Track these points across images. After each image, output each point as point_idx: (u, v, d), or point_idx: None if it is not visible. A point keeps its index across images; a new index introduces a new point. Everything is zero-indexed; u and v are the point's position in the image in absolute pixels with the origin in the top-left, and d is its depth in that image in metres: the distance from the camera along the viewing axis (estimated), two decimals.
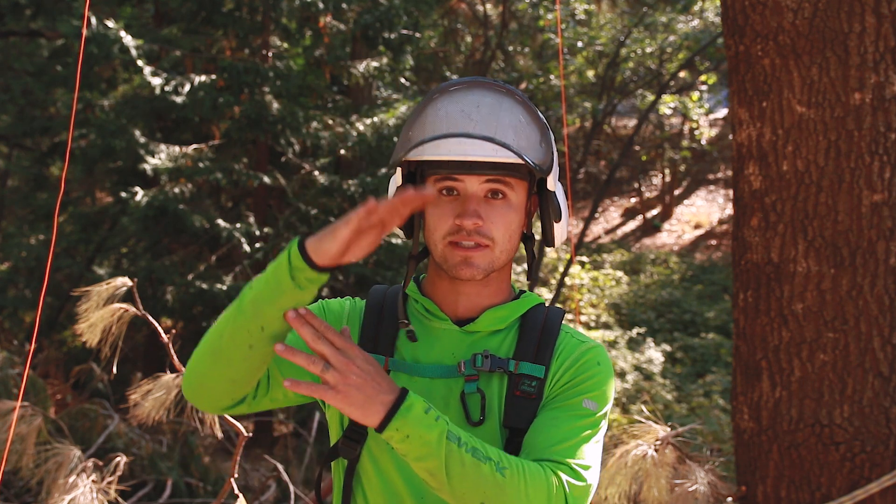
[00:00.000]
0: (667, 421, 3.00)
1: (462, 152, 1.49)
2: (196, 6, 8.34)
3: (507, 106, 1.54)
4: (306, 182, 9.08)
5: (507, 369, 1.54)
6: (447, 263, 1.56)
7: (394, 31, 8.52)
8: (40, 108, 10.89)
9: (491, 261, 1.55)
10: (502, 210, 1.55)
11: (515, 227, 1.58)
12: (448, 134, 1.48)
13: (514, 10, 12.86)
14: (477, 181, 1.54)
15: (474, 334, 1.60)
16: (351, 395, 1.36)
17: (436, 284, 1.63)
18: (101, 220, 9.90)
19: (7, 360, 5.87)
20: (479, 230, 1.53)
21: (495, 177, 1.53)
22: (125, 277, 2.90)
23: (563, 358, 1.58)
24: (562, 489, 1.42)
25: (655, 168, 17.33)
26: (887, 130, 2.92)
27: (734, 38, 3.12)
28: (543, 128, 1.57)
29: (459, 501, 1.39)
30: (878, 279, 2.93)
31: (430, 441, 1.36)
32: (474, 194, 1.54)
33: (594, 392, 1.55)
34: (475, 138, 1.47)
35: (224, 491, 2.78)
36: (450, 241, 1.54)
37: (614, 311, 12.78)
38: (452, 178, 1.54)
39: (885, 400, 2.93)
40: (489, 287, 1.62)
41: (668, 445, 2.85)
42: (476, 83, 1.57)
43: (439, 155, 1.50)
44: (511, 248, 1.58)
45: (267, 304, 1.41)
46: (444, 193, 1.56)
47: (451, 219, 1.54)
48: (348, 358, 1.38)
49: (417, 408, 1.37)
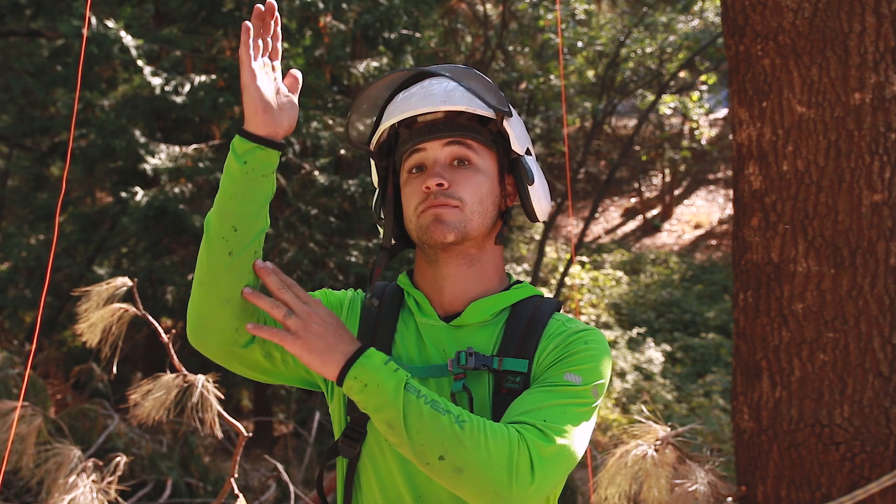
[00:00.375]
0: (667, 421, 2.99)
1: (411, 107, 1.56)
2: (196, 6, 8.34)
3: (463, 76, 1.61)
4: (306, 182, 9.08)
5: (490, 367, 1.52)
6: (421, 230, 1.56)
7: (394, 31, 8.53)
8: (40, 108, 10.89)
9: (462, 219, 1.54)
10: (468, 173, 1.57)
11: (486, 192, 1.58)
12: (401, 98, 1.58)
13: (514, 10, 12.85)
14: (439, 145, 1.57)
15: (462, 328, 1.58)
16: (311, 343, 1.39)
17: (423, 274, 1.63)
18: (101, 220, 9.89)
19: (7, 360, 5.87)
20: (445, 192, 1.54)
21: (456, 137, 1.56)
22: (125, 277, 2.90)
23: (547, 341, 1.54)
24: (525, 446, 1.36)
25: (655, 168, 17.34)
26: (887, 130, 2.92)
27: (734, 38, 3.12)
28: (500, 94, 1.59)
29: (420, 456, 1.37)
30: (878, 279, 2.93)
31: (387, 389, 1.36)
32: (437, 159, 1.57)
33: (579, 366, 1.49)
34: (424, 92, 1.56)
35: (224, 491, 2.78)
36: (421, 210, 1.56)
37: (614, 311, 12.78)
38: (417, 149, 1.58)
39: (885, 400, 2.93)
40: (472, 269, 1.60)
41: (668, 445, 2.85)
42: (426, 73, 1.64)
43: (393, 117, 1.58)
44: (483, 211, 1.57)
45: (230, 199, 1.46)
46: (414, 172, 1.59)
47: (420, 190, 1.57)
48: (311, 309, 1.41)
49: (376, 358, 1.39)
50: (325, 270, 9.05)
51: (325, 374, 1.39)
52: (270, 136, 1.46)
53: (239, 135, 1.46)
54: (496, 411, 1.51)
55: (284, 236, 8.81)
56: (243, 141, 1.45)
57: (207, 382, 2.78)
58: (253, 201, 1.46)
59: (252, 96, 1.44)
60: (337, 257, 8.78)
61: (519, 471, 1.35)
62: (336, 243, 9.18)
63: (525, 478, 1.35)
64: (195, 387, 2.75)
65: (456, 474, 1.35)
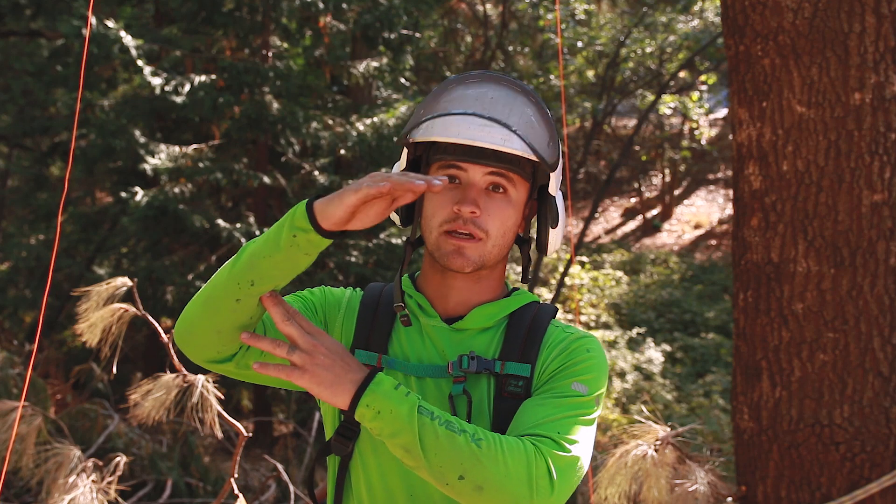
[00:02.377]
0: (667, 421, 2.99)
1: (470, 136, 1.47)
2: (196, 6, 8.33)
3: (521, 102, 1.53)
4: (306, 182, 9.08)
5: (492, 371, 1.53)
6: (439, 251, 1.54)
7: (394, 31, 8.52)
8: (40, 108, 10.89)
9: (482, 254, 1.54)
10: (501, 204, 1.54)
11: (511, 225, 1.56)
12: (459, 112, 1.47)
13: (514, 10, 12.86)
14: (480, 171, 1.53)
15: (463, 332, 1.59)
16: (319, 375, 1.36)
17: (429, 279, 1.63)
18: (101, 220, 9.89)
19: (7, 360, 5.87)
20: (476, 221, 1.52)
21: (499, 169, 1.52)
22: (125, 277, 2.90)
23: (550, 349, 1.55)
24: (542, 458, 1.37)
25: (655, 168, 17.33)
26: (887, 130, 2.92)
27: (734, 38, 3.12)
28: (552, 131, 1.56)
29: (438, 477, 1.36)
30: (878, 279, 2.93)
31: (401, 415, 1.35)
32: (476, 184, 1.53)
33: (584, 376, 1.51)
34: (486, 120, 1.46)
35: (224, 491, 2.78)
36: (446, 230, 1.53)
37: (614, 311, 12.78)
38: (457, 165, 1.53)
39: (885, 400, 2.93)
40: (480, 283, 1.60)
41: (668, 445, 2.85)
42: (492, 77, 1.57)
43: (448, 136, 1.49)
44: (504, 244, 1.57)
45: (264, 258, 1.41)
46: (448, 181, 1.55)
47: (449, 206, 1.53)
48: (316, 340, 1.38)
49: (387, 384, 1.37)
50: (325, 270, 9.05)
51: (336, 404, 1.37)
52: (331, 229, 1.39)
53: (306, 208, 1.37)
54: (497, 414, 1.52)
55: None
56: (306, 220, 1.37)
57: (207, 382, 2.78)
58: (284, 270, 1.42)
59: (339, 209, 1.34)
60: (337, 257, 8.78)
61: (539, 483, 1.36)
62: (336, 243, 9.18)
63: (545, 490, 1.36)
64: (195, 387, 2.75)
65: (477, 492, 1.35)
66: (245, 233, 8.24)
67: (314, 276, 8.95)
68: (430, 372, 1.56)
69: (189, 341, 1.51)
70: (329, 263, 8.99)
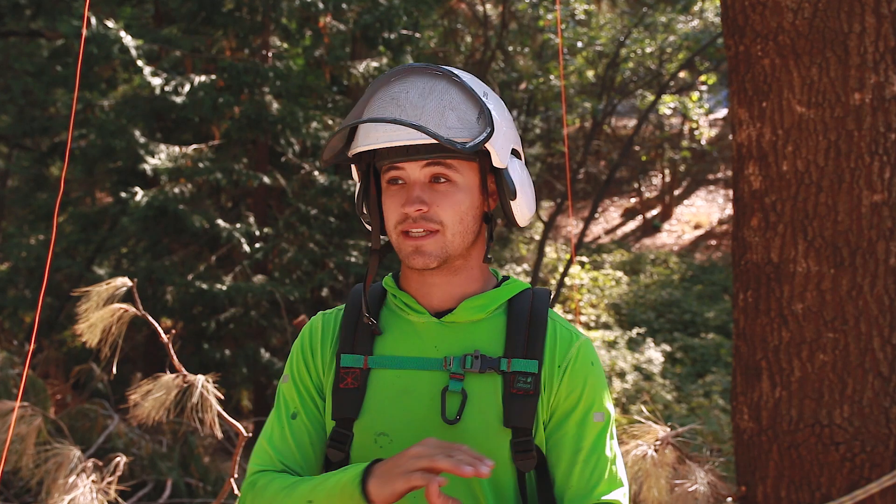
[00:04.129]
0: (667, 421, 3.00)
1: (388, 139, 1.50)
2: (196, 6, 8.34)
3: (440, 88, 1.53)
4: (306, 182, 9.08)
5: (498, 369, 1.53)
6: (401, 253, 1.56)
7: (394, 31, 8.53)
8: (40, 108, 10.88)
9: (443, 246, 1.54)
10: (448, 193, 1.54)
11: (466, 208, 1.55)
12: (372, 119, 1.49)
13: (514, 10, 12.86)
14: (417, 167, 1.53)
15: (453, 325, 1.58)
16: None
17: (409, 278, 1.63)
18: (101, 220, 9.89)
19: (7, 360, 5.87)
20: (425, 216, 1.53)
21: (434, 160, 1.53)
22: (125, 277, 2.90)
23: (557, 355, 1.58)
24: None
25: (655, 168, 17.34)
26: (887, 130, 2.92)
27: (734, 38, 3.12)
28: (482, 106, 1.54)
29: None
30: (878, 279, 2.93)
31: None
32: (416, 180, 1.54)
33: (597, 400, 1.58)
34: (398, 123, 1.47)
35: (224, 491, 2.78)
36: (401, 231, 1.55)
37: (614, 311, 12.78)
38: (396, 166, 1.55)
39: (885, 400, 2.93)
40: (459, 275, 1.60)
41: (668, 445, 2.85)
42: (411, 70, 1.58)
43: (369, 143, 1.52)
44: (464, 230, 1.55)
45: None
46: (393, 183, 1.56)
47: (399, 208, 1.54)
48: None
49: None
50: (324, 270, 9.06)
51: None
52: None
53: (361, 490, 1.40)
54: (507, 410, 1.53)
55: (284, 236, 8.81)
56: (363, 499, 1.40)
57: (207, 383, 2.78)
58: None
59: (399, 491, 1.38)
60: (337, 257, 8.79)
61: None
62: (336, 243, 9.19)
63: None
64: (195, 387, 2.75)
65: None
66: (245, 233, 8.24)
67: (314, 276, 8.96)
68: (423, 364, 1.56)
69: None
70: (329, 263, 9.00)
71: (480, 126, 1.52)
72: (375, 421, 1.55)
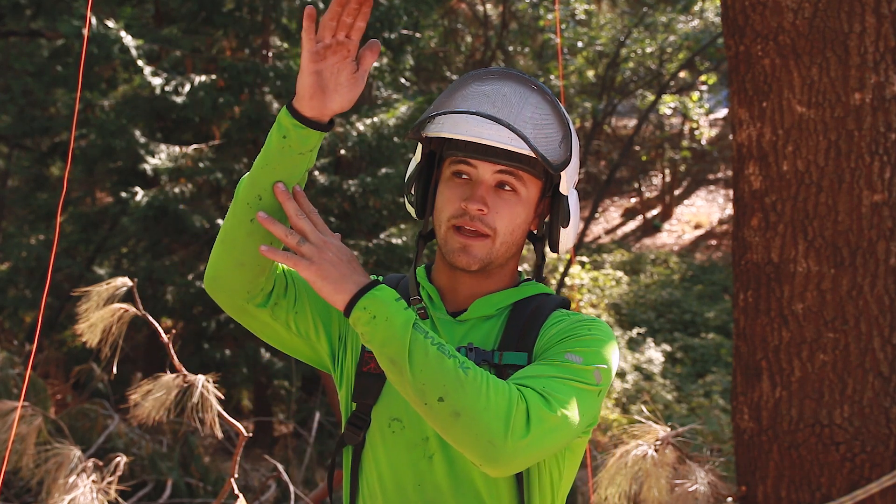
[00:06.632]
0: (667, 421, 2.99)
1: (478, 134, 1.49)
2: (196, 6, 8.33)
3: (534, 101, 1.53)
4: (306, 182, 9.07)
5: (491, 362, 1.53)
6: (447, 247, 1.56)
7: (394, 31, 8.52)
8: (40, 108, 10.87)
9: (489, 252, 1.55)
10: (510, 202, 1.55)
11: (520, 222, 1.57)
12: (467, 111, 1.48)
13: (514, 10, 12.85)
14: (490, 169, 1.53)
15: (465, 323, 1.59)
16: (325, 269, 1.40)
17: (441, 272, 1.64)
18: (101, 220, 9.88)
19: (7, 360, 5.87)
20: (483, 218, 1.53)
21: (508, 167, 1.53)
22: (125, 277, 2.90)
23: (547, 329, 1.55)
24: (524, 403, 1.37)
25: (655, 168, 17.33)
26: (887, 130, 2.92)
27: (734, 38, 3.12)
28: (566, 131, 1.55)
29: (419, 395, 1.36)
30: (878, 279, 2.93)
31: (395, 324, 1.37)
32: (484, 181, 1.54)
33: (579, 348, 1.49)
34: (493, 121, 1.46)
35: (224, 491, 2.78)
36: (453, 225, 1.55)
37: (614, 311, 12.77)
38: (467, 161, 1.54)
39: (885, 400, 2.93)
40: (490, 279, 1.61)
41: (668, 445, 2.85)
42: (508, 74, 1.57)
43: (456, 133, 1.51)
44: (512, 242, 1.57)
45: (263, 169, 1.48)
46: (457, 176, 1.56)
47: (458, 202, 1.54)
48: (327, 238, 1.43)
49: (388, 293, 1.40)
50: None
51: (335, 302, 1.40)
52: (316, 118, 1.45)
53: (286, 108, 1.45)
54: None
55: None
56: (288, 115, 1.45)
57: (207, 383, 2.78)
58: (284, 176, 1.47)
59: (303, 81, 1.43)
60: None
61: (515, 424, 1.35)
62: None
63: (520, 431, 1.35)
64: (195, 387, 2.75)
65: (453, 418, 1.35)
66: None
67: None
68: None
69: (218, 286, 1.56)
70: None
71: (563, 150, 1.53)
72: (391, 407, 1.57)
